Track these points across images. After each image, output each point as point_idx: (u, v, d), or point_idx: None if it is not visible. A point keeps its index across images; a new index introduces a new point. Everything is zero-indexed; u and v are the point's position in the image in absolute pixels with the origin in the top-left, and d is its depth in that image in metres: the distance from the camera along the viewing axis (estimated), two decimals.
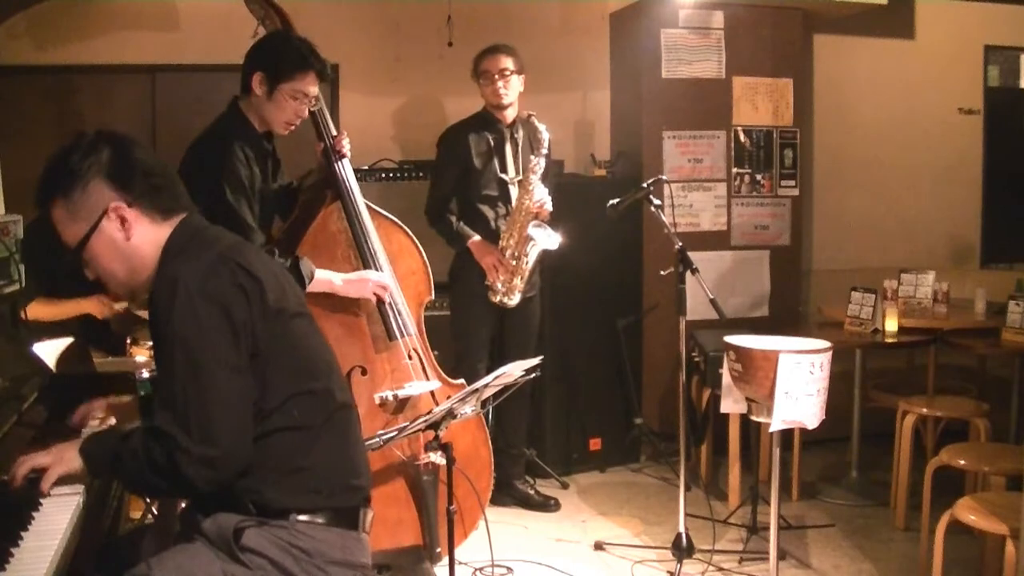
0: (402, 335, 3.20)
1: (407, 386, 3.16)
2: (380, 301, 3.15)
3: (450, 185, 4.04)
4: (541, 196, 3.90)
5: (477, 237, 3.96)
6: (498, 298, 3.92)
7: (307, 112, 3.03)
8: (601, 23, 5.19)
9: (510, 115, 4.05)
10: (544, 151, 3.93)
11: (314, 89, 2.96)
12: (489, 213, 4.03)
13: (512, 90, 4.00)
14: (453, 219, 4.01)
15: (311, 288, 2.96)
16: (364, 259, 3.15)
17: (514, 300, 3.93)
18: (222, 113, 3.03)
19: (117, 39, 4.46)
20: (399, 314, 3.20)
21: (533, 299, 4.14)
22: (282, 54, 2.91)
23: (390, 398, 3.12)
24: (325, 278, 3.02)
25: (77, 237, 1.85)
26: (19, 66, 4.33)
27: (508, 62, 3.97)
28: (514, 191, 4.02)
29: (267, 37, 3.07)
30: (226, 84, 4.34)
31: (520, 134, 4.08)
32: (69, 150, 1.84)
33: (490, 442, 3.44)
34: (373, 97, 4.83)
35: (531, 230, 3.87)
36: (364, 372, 3.11)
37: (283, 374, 1.85)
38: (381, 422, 3.08)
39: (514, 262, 3.90)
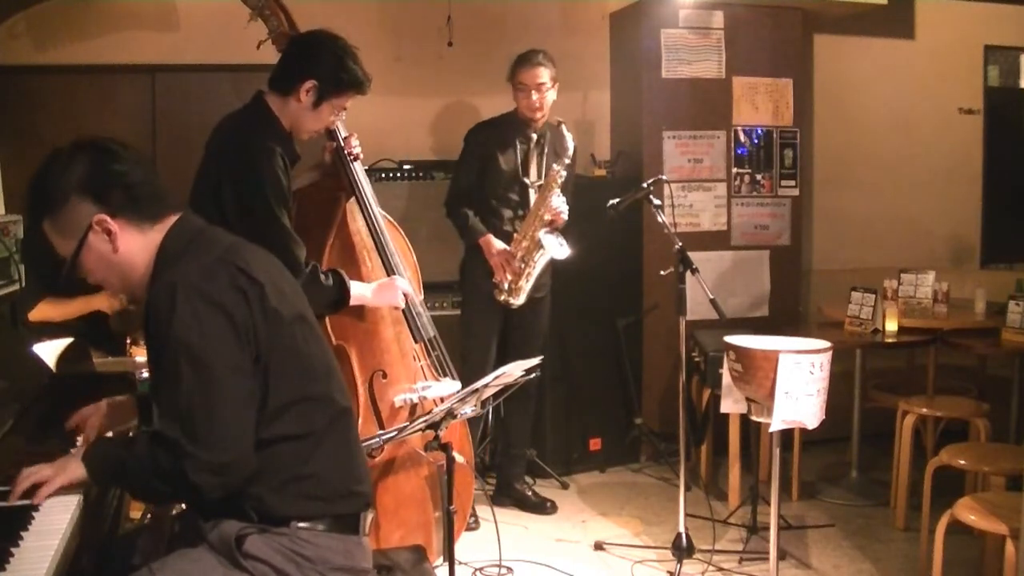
0: (424, 337, 3.19)
1: (427, 388, 3.15)
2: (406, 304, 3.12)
3: (471, 179, 4.04)
4: (559, 205, 3.89)
5: (490, 236, 3.97)
6: (503, 297, 3.93)
7: (335, 123, 2.98)
8: (601, 23, 5.19)
9: (541, 121, 4.05)
10: (568, 161, 3.92)
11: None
12: (506, 213, 4.04)
13: (547, 104, 4.00)
14: (470, 213, 4.01)
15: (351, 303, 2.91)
16: (384, 261, 3.11)
17: (519, 300, 3.94)
18: (252, 111, 2.86)
19: (117, 39, 4.44)
20: (419, 316, 3.18)
21: (543, 300, 4.14)
22: (342, 70, 2.80)
23: (415, 400, 3.11)
24: (358, 292, 2.95)
25: (69, 252, 1.84)
26: (19, 66, 4.32)
27: (545, 75, 3.94)
28: (533, 195, 4.03)
29: (321, 44, 2.85)
30: (226, 84, 4.38)
31: (547, 139, 4.09)
32: (46, 169, 1.82)
33: (471, 439, 3.45)
34: (373, 97, 4.80)
35: (543, 236, 3.87)
36: (385, 376, 3.08)
37: (284, 379, 1.83)
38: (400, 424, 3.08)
39: (521, 265, 3.90)
